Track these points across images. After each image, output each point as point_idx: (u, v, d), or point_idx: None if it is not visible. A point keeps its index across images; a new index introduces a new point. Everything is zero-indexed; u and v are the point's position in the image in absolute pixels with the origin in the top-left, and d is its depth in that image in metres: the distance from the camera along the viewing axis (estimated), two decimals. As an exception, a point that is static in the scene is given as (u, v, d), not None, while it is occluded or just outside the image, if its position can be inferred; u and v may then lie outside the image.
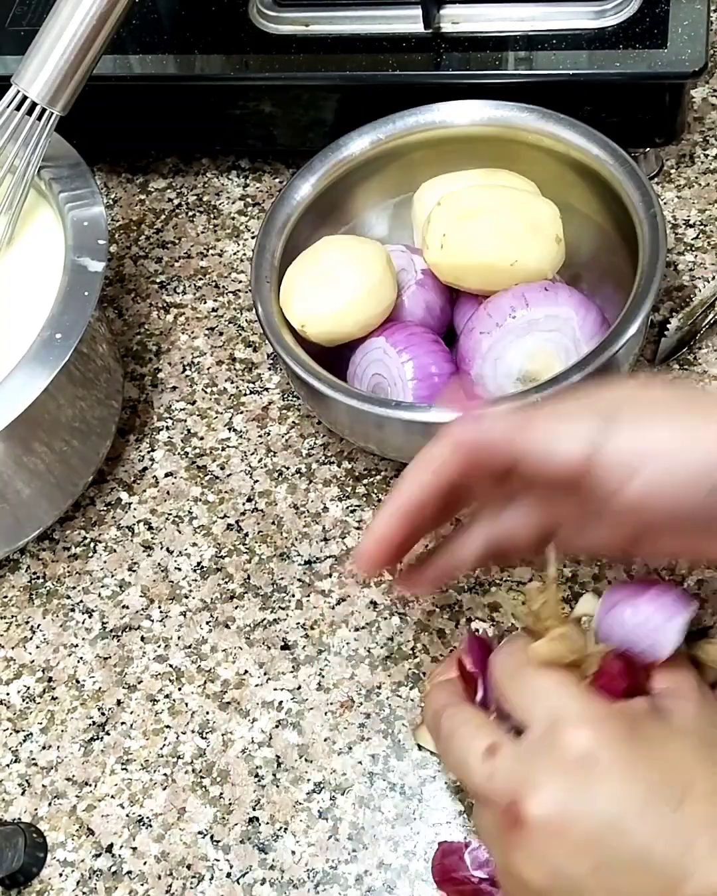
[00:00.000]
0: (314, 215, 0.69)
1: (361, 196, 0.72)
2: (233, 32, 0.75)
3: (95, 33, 0.62)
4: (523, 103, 0.68)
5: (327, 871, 0.57)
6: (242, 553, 0.67)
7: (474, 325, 0.63)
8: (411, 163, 0.71)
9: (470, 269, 0.64)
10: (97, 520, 0.69)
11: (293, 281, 0.65)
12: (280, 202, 0.68)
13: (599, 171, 0.66)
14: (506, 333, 0.62)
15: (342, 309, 0.64)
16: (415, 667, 0.62)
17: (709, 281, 0.72)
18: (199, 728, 0.62)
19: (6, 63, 0.76)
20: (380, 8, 0.73)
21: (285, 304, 0.65)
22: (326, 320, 0.64)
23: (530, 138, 0.68)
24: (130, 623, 0.65)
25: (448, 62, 0.72)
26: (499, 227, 0.63)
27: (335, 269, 0.64)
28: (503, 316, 0.62)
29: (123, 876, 0.58)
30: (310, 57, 0.74)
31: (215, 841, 0.58)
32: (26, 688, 0.64)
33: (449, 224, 0.64)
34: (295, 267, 0.66)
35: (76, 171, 0.66)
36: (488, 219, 0.63)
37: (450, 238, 0.63)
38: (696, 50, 0.69)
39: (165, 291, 0.79)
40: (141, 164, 0.85)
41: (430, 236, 0.65)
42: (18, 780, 0.61)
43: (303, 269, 0.65)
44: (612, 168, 0.65)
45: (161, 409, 0.73)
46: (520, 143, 0.69)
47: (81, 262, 0.62)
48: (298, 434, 0.71)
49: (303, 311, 0.64)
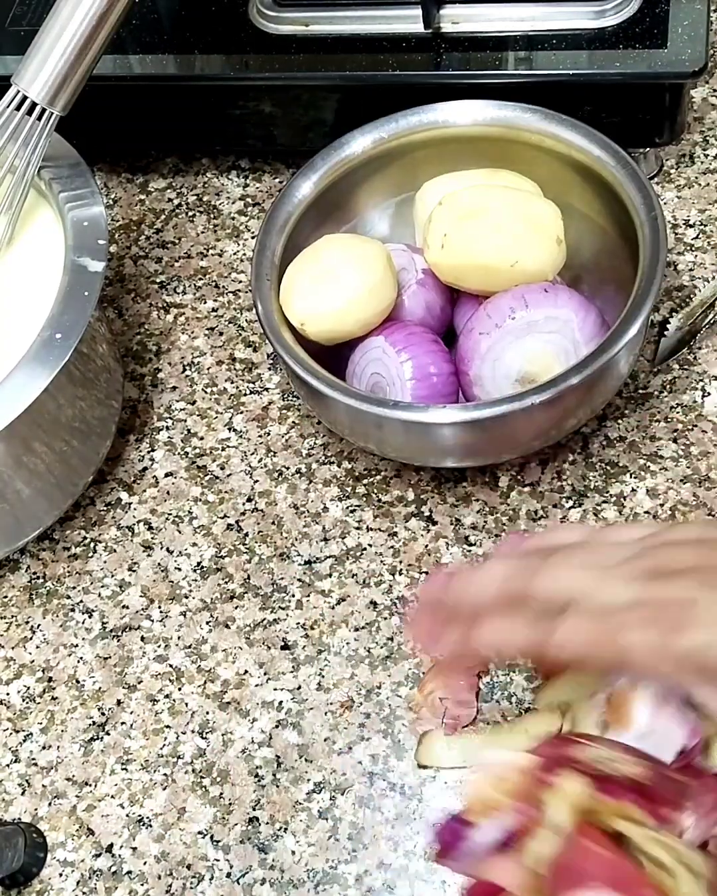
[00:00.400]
0: (315, 214, 0.69)
1: (362, 195, 0.72)
2: (233, 32, 0.75)
3: (95, 33, 0.62)
4: (525, 104, 0.68)
5: (327, 871, 0.57)
6: (242, 553, 0.67)
7: (473, 326, 0.63)
8: (414, 162, 0.71)
9: (470, 269, 0.64)
10: (97, 520, 0.69)
11: (293, 279, 0.65)
12: (281, 200, 0.68)
13: (600, 172, 0.66)
14: (505, 335, 0.62)
15: (343, 307, 0.64)
16: (415, 667, 0.62)
17: (709, 281, 0.72)
18: (199, 728, 0.62)
19: (6, 63, 0.76)
20: (380, 8, 0.73)
21: (285, 302, 0.65)
22: (327, 319, 0.64)
23: (533, 139, 0.68)
24: (130, 623, 0.65)
25: (448, 62, 0.72)
26: (500, 227, 0.63)
27: (336, 267, 0.64)
28: (503, 317, 0.62)
29: (123, 876, 0.58)
30: (310, 57, 0.74)
31: (215, 841, 0.58)
32: (26, 688, 0.64)
33: (450, 224, 0.64)
34: (295, 265, 0.66)
35: (76, 171, 0.66)
36: (489, 219, 0.63)
37: (451, 238, 0.63)
38: (696, 50, 0.69)
39: (165, 291, 0.79)
40: (141, 164, 0.85)
41: (431, 236, 0.65)
42: (18, 780, 0.61)
43: (303, 268, 0.65)
44: (613, 169, 0.65)
45: (161, 409, 0.73)
46: (522, 144, 0.68)
47: (81, 262, 0.62)
48: (298, 434, 0.71)
49: (303, 310, 0.64)
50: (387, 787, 0.58)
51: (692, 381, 0.69)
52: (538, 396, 0.58)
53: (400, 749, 0.59)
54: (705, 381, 0.69)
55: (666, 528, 0.46)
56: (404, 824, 0.57)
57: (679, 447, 0.67)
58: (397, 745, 0.59)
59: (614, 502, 0.65)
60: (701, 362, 0.70)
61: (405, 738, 0.60)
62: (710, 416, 0.68)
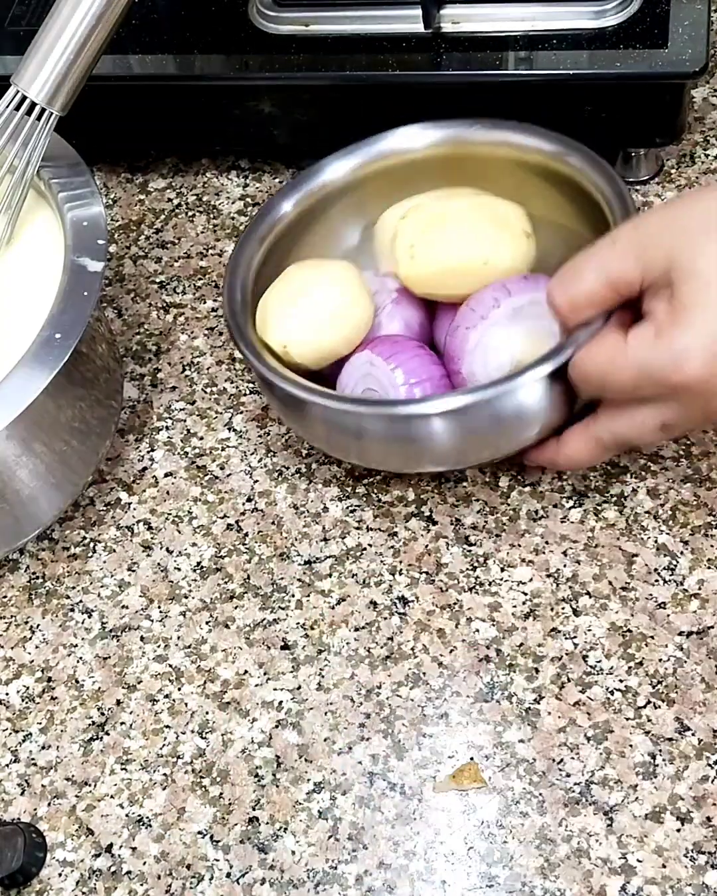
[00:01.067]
0: (276, 255, 0.68)
1: (320, 233, 0.70)
2: (233, 32, 0.75)
3: (95, 33, 0.62)
4: (469, 118, 0.67)
5: (327, 871, 0.57)
6: (242, 553, 0.67)
7: (458, 324, 0.63)
8: (365, 195, 0.69)
9: (442, 275, 0.63)
10: (97, 520, 0.69)
11: (268, 306, 0.64)
12: (241, 245, 0.66)
13: (559, 169, 0.64)
14: (491, 325, 0.61)
15: (323, 322, 0.63)
16: (415, 667, 0.62)
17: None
18: (199, 728, 0.62)
19: (6, 63, 0.76)
20: (380, 8, 0.73)
21: (263, 330, 0.64)
22: (308, 336, 0.63)
23: (484, 150, 0.67)
24: (130, 623, 0.65)
25: (448, 62, 0.72)
26: (465, 229, 0.62)
27: (309, 287, 0.63)
28: (487, 308, 0.62)
29: (123, 876, 0.58)
30: (310, 57, 0.74)
31: (215, 841, 0.58)
32: (26, 688, 0.64)
33: (415, 235, 0.63)
34: (269, 294, 0.65)
35: (76, 171, 0.66)
36: (454, 223, 0.63)
37: (418, 248, 0.63)
38: (696, 50, 0.69)
39: (165, 291, 0.79)
40: (141, 164, 0.85)
41: (398, 251, 0.64)
42: (18, 780, 0.61)
43: (277, 294, 0.64)
44: (573, 163, 0.64)
45: (161, 409, 0.73)
46: (475, 158, 0.67)
47: (81, 262, 0.62)
48: (298, 434, 0.71)
49: (283, 333, 0.63)
50: (387, 787, 0.58)
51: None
52: (540, 369, 0.57)
53: (400, 749, 0.59)
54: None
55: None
56: (403, 824, 0.57)
57: (680, 447, 0.67)
58: (397, 745, 0.59)
59: (614, 502, 0.65)
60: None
61: (405, 738, 0.60)
62: (710, 416, 0.68)
